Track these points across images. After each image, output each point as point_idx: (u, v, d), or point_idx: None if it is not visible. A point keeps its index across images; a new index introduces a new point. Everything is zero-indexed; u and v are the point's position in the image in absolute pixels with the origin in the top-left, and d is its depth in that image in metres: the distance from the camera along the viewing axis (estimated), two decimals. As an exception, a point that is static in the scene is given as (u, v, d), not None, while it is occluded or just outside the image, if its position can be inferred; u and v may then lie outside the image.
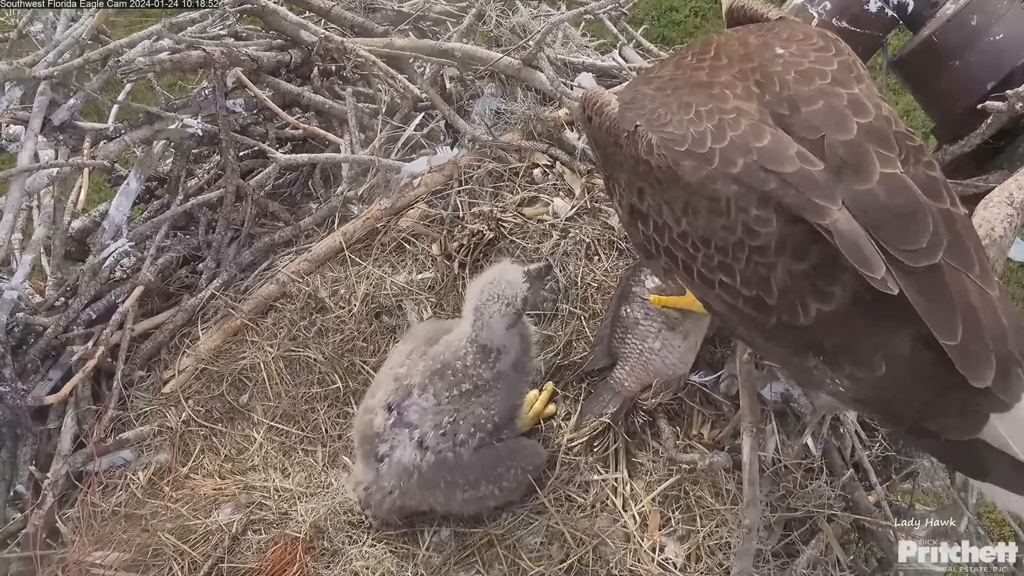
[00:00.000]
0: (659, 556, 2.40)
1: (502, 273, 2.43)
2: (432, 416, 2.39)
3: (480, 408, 2.41)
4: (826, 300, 1.74)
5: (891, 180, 1.73)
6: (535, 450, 2.55)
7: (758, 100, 1.87)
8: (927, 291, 1.66)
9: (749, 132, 1.79)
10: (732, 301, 1.89)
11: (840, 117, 1.81)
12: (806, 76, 1.88)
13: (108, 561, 2.51)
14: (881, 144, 1.78)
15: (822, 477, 2.49)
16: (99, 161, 3.01)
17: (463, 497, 2.42)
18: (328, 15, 3.65)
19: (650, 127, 1.91)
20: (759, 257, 1.78)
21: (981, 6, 2.78)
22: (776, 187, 1.73)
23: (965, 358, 1.64)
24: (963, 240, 1.74)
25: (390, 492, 2.43)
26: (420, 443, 2.39)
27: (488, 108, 3.30)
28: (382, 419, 2.43)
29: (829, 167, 1.74)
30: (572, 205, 2.98)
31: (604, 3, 3.61)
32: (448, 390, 2.40)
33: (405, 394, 2.43)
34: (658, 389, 2.61)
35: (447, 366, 2.42)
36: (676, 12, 7.27)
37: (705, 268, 1.91)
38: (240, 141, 3.43)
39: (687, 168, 1.83)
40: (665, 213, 1.93)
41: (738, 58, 1.97)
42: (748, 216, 1.76)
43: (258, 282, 3.12)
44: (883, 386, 1.75)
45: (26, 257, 2.93)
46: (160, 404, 2.90)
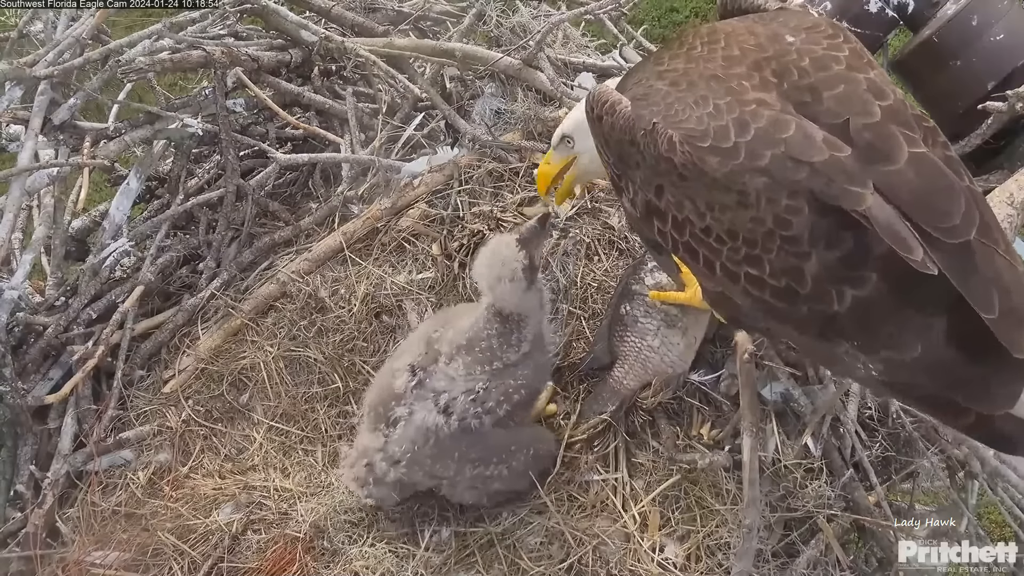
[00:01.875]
0: (659, 556, 2.40)
1: (496, 249, 2.42)
2: (463, 383, 2.38)
3: (510, 379, 2.41)
4: (860, 286, 1.73)
5: (919, 160, 1.74)
6: (548, 439, 2.57)
7: (777, 90, 1.86)
8: (963, 267, 1.67)
9: (772, 123, 1.79)
10: (759, 293, 1.88)
11: (862, 101, 1.80)
12: (822, 63, 1.88)
13: (108, 561, 2.51)
14: (903, 125, 1.78)
15: (822, 477, 2.48)
16: (99, 161, 3.02)
17: (472, 473, 2.40)
18: (328, 15, 3.66)
19: (668, 124, 1.89)
20: (791, 247, 1.77)
21: (982, 6, 2.79)
22: (806, 176, 1.73)
23: (1004, 330, 1.65)
24: (987, 217, 1.75)
25: (397, 461, 2.39)
26: (445, 408, 2.36)
27: (488, 108, 3.31)
28: (404, 381, 2.41)
29: (857, 151, 1.74)
30: (572, 205, 2.98)
31: (604, 3, 3.62)
32: (480, 365, 2.39)
33: (433, 359, 2.42)
34: (658, 387, 2.60)
35: (473, 343, 2.41)
36: (677, 13, 7.27)
37: (730, 262, 1.89)
38: (240, 141, 3.44)
39: (713, 164, 1.81)
40: (687, 209, 1.92)
41: (750, 48, 1.96)
42: (779, 207, 1.75)
43: (258, 282, 3.12)
44: (918, 367, 1.76)
45: (26, 257, 2.94)
46: (160, 404, 2.90)
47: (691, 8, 7.27)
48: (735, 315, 2.10)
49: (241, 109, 3.50)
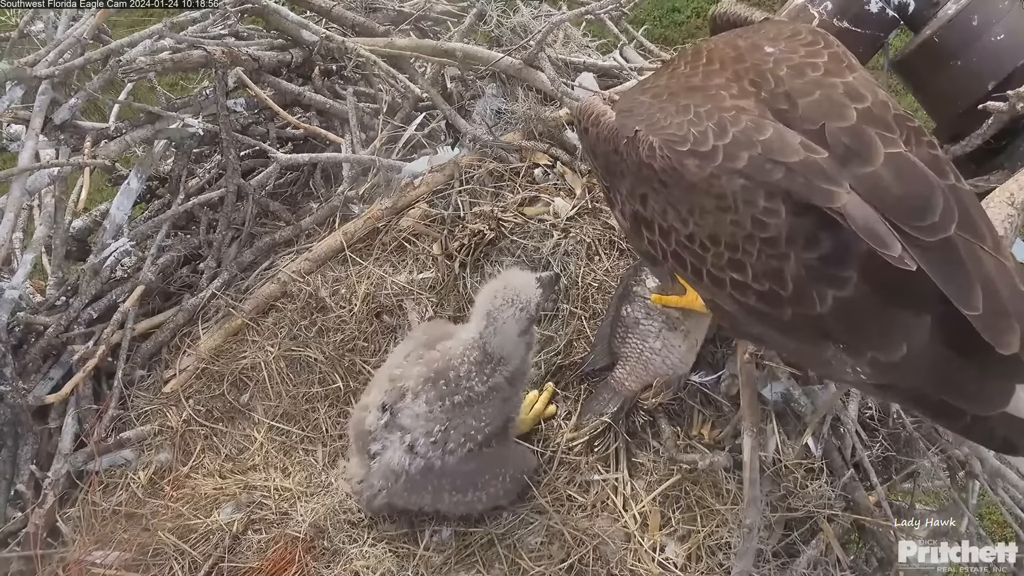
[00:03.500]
0: (659, 556, 2.40)
1: (513, 278, 2.41)
2: (424, 423, 2.37)
3: (471, 419, 2.38)
4: (842, 286, 1.73)
5: (896, 159, 1.74)
6: (523, 456, 2.52)
7: (755, 98, 1.87)
8: (944, 264, 1.66)
9: (751, 127, 1.80)
10: (744, 299, 1.88)
11: (838, 105, 1.81)
12: (799, 70, 1.89)
13: (108, 561, 2.51)
14: (882, 127, 1.79)
15: (822, 477, 2.49)
16: (100, 160, 3.01)
17: (451, 500, 2.42)
18: (329, 15, 3.66)
19: (650, 131, 1.91)
20: (770, 249, 1.77)
21: (982, 6, 2.78)
22: (783, 177, 1.73)
23: (989, 327, 1.63)
24: (972, 213, 1.74)
25: (380, 490, 2.42)
26: (411, 447, 2.37)
27: (489, 108, 3.31)
28: (375, 418, 2.42)
29: (833, 154, 1.74)
30: (573, 205, 2.99)
31: (605, 3, 3.61)
32: (441, 400, 2.37)
33: (399, 396, 2.40)
34: (659, 389, 2.61)
35: (441, 375, 2.39)
36: (678, 13, 7.27)
37: (715, 268, 1.90)
38: (241, 141, 3.44)
39: (691, 167, 1.83)
40: (671, 216, 1.93)
41: (730, 60, 1.98)
42: (756, 209, 1.76)
43: (259, 282, 3.12)
44: (905, 368, 1.75)
45: (27, 256, 2.93)
46: (161, 403, 2.90)
47: (693, 8, 7.27)
48: (727, 322, 2.11)
49: (242, 109, 3.50)
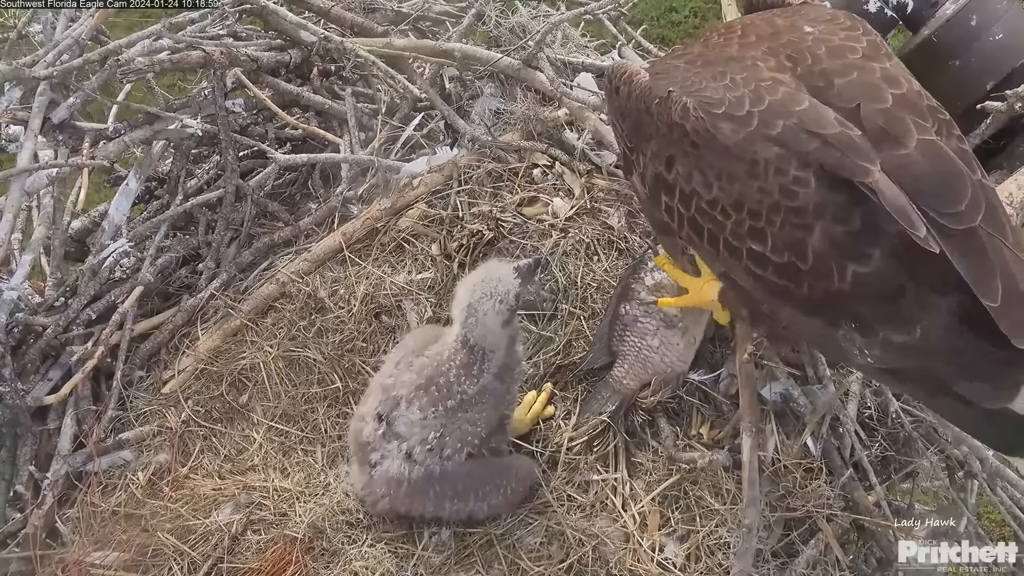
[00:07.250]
0: (659, 556, 2.40)
1: (491, 271, 2.40)
2: (419, 430, 2.37)
3: (467, 424, 2.38)
4: (864, 262, 1.74)
5: (929, 146, 1.75)
6: (526, 470, 2.51)
7: (791, 73, 1.88)
8: (968, 253, 1.67)
9: (787, 97, 1.80)
10: (760, 271, 1.88)
11: (875, 88, 1.82)
12: (837, 52, 1.90)
13: (108, 561, 2.50)
14: (916, 114, 1.80)
15: (822, 477, 2.49)
16: (99, 161, 3.00)
17: (453, 507, 2.42)
18: (328, 15, 3.66)
19: (684, 92, 1.91)
20: (796, 219, 1.77)
21: (981, 6, 2.79)
22: (817, 148, 1.74)
23: (1007, 319, 1.64)
24: (997, 209, 1.76)
25: (382, 497, 2.42)
26: (408, 455, 2.37)
27: (488, 108, 3.31)
28: (372, 428, 2.41)
29: (868, 134, 1.75)
30: (572, 205, 2.99)
31: (604, 3, 3.62)
32: (434, 405, 2.37)
33: (394, 405, 2.40)
34: (657, 387, 2.61)
35: (431, 381, 2.38)
36: (676, 12, 7.27)
37: (734, 237, 1.90)
38: (240, 141, 3.44)
39: (725, 130, 1.82)
40: (695, 180, 1.92)
41: (767, 35, 1.99)
42: (786, 178, 1.76)
43: (258, 282, 3.12)
44: (917, 351, 1.75)
45: (26, 257, 2.93)
46: (160, 404, 2.89)
47: (690, 8, 7.27)
48: (737, 298, 2.10)
49: (240, 109, 3.49)
